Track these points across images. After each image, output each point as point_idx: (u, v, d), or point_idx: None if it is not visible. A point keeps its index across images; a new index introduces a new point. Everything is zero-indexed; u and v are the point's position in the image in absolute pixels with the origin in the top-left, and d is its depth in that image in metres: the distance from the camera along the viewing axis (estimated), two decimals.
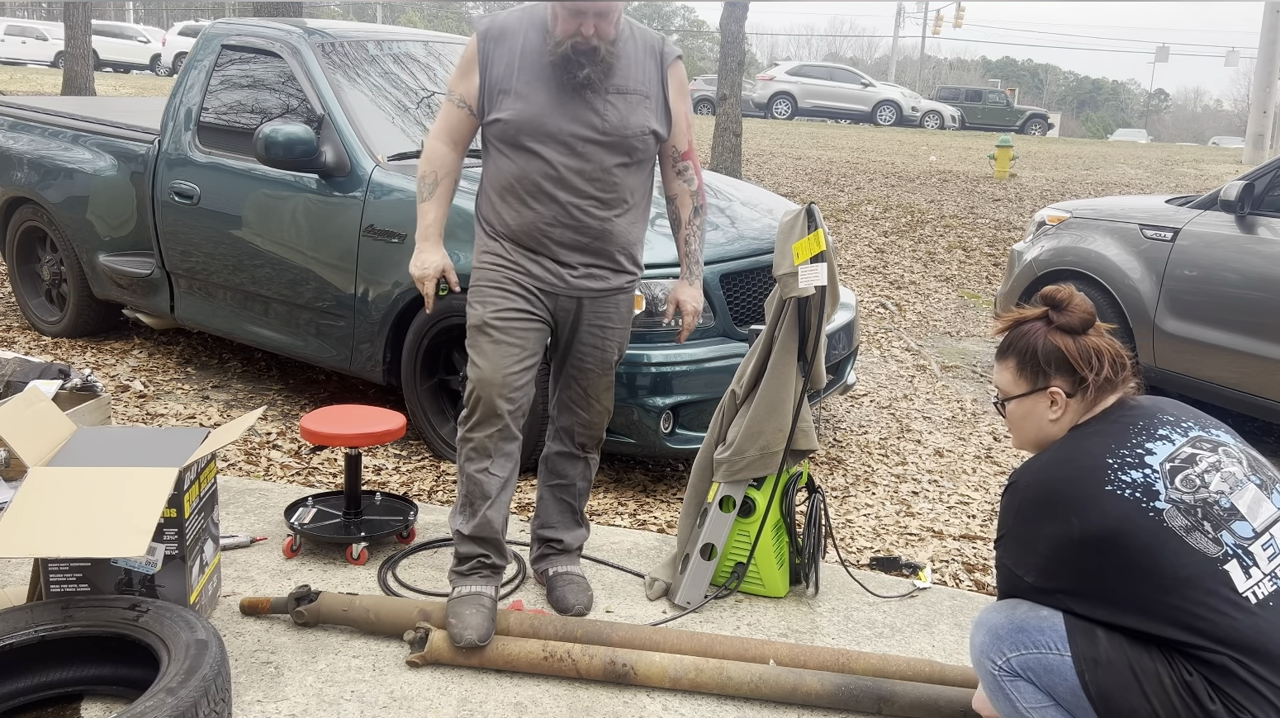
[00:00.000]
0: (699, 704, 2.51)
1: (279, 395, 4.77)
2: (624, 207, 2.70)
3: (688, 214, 2.84)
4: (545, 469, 2.98)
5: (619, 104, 2.62)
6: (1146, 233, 5.18)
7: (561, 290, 2.70)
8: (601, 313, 2.77)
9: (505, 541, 2.77)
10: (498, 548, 2.74)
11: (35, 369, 3.77)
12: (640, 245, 2.82)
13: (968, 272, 8.86)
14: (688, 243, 2.87)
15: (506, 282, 2.68)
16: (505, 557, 2.79)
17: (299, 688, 2.46)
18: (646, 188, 2.77)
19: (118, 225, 5.02)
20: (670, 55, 2.71)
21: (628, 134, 2.62)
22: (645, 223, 2.82)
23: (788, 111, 28.15)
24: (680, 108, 2.74)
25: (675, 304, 2.90)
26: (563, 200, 2.62)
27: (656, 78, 2.68)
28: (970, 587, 3.37)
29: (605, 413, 2.91)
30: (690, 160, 2.81)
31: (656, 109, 2.68)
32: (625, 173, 2.67)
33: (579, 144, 2.60)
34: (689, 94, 2.79)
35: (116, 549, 2.22)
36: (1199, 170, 17.84)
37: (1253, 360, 4.67)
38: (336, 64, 4.40)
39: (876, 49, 77.03)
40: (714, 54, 52.75)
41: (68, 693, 2.33)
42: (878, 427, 4.95)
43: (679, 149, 2.78)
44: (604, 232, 2.68)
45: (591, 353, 2.80)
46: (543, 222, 2.64)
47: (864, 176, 14.34)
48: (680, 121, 2.74)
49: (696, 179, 2.83)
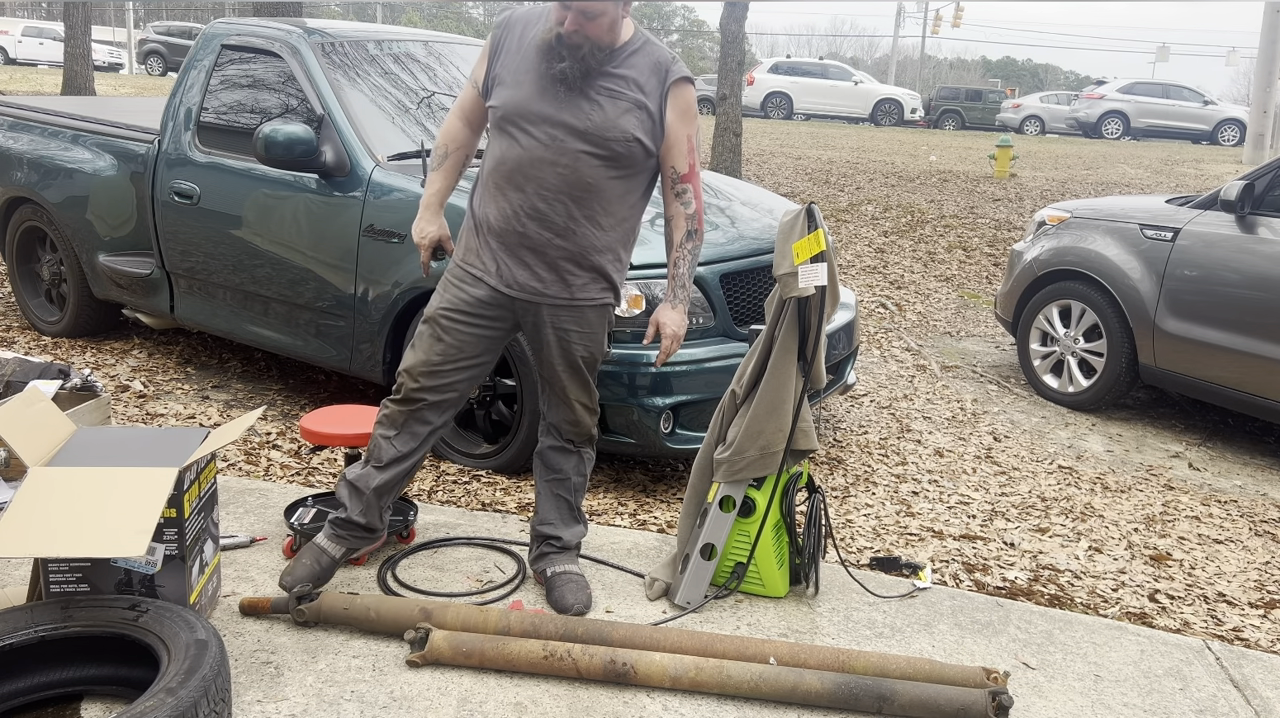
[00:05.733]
0: (699, 704, 2.51)
1: (279, 395, 4.77)
2: (594, 209, 2.68)
3: (680, 237, 2.79)
4: (540, 464, 2.99)
5: (606, 105, 2.62)
6: (1147, 233, 5.18)
7: (518, 294, 2.73)
8: (563, 321, 2.76)
9: (380, 504, 2.89)
10: (362, 499, 2.87)
11: (35, 369, 3.76)
12: (616, 265, 2.78)
13: (968, 272, 8.86)
14: (677, 265, 2.81)
15: (469, 279, 2.75)
16: (367, 515, 2.88)
17: (299, 688, 2.46)
18: (629, 201, 2.73)
19: (117, 225, 5.02)
20: (676, 74, 2.69)
21: (607, 135, 2.62)
22: (622, 236, 2.77)
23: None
24: (681, 130, 2.70)
25: (656, 326, 2.83)
26: (530, 191, 2.65)
27: (657, 93, 2.67)
28: (970, 587, 3.37)
29: (588, 411, 2.91)
30: (691, 184, 2.76)
31: (647, 121, 2.66)
32: (602, 176, 2.65)
33: (554, 136, 2.62)
34: (695, 118, 2.74)
35: (116, 549, 2.22)
36: (1199, 170, 17.83)
37: (1253, 360, 4.67)
38: (336, 64, 4.40)
39: (877, 49, 77.00)
40: (714, 54, 52.75)
41: (68, 693, 2.33)
42: (878, 427, 4.95)
43: (679, 170, 2.74)
44: (569, 232, 2.68)
45: (559, 357, 2.81)
46: (510, 209, 2.68)
47: (864, 176, 14.34)
48: (681, 143, 2.71)
49: (695, 203, 2.77)
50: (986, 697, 2.47)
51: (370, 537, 2.97)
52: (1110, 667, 2.84)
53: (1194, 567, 3.70)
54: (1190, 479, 4.60)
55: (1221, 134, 26.71)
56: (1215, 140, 26.66)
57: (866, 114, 28.68)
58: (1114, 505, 4.21)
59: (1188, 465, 4.76)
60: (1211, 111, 26.94)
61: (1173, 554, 3.79)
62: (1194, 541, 3.94)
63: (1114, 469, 4.64)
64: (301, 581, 2.83)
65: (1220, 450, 4.99)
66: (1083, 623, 3.08)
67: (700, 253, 2.89)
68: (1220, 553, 3.84)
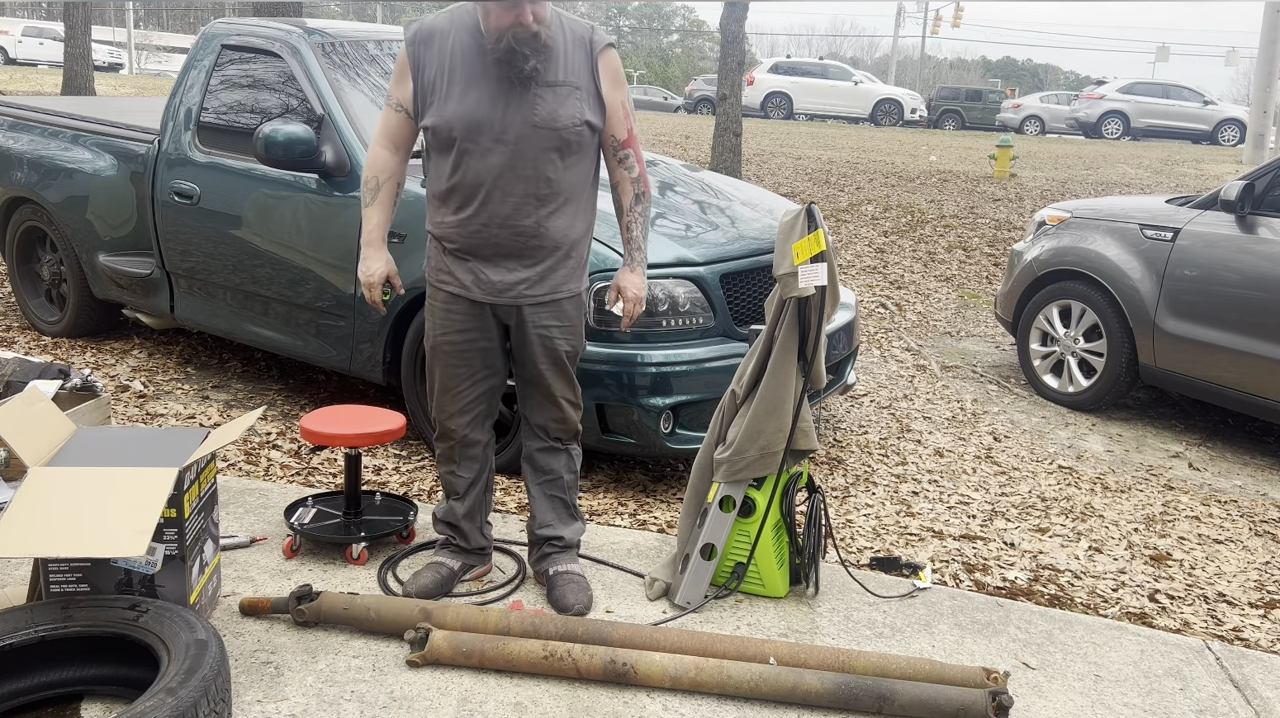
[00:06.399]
0: (699, 704, 2.51)
1: (279, 395, 4.77)
2: (559, 202, 2.70)
3: (629, 201, 2.82)
4: (530, 468, 2.99)
5: (548, 97, 2.61)
6: (1147, 233, 5.17)
7: (499, 301, 2.74)
8: (543, 318, 2.78)
9: (475, 526, 3.00)
10: (460, 531, 2.99)
11: (35, 369, 3.77)
12: (583, 244, 2.81)
13: (968, 272, 8.86)
14: (629, 229, 2.85)
15: (451, 300, 2.77)
16: (470, 539, 3.00)
17: (299, 688, 2.46)
18: (585, 183, 2.76)
19: (117, 225, 5.02)
20: (600, 44, 2.70)
21: (559, 127, 2.62)
22: (587, 220, 2.81)
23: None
24: (615, 96, 2.72)
25: (617, 290, 2.88)
26: (497, 200, 2.64)
27: (586, 68, 2.67)
28: (970, 587, 3.37)
29: (574, 406, 2.93)
30: (631, 148, 2.79)
31: (588, 99, 2.67)
32: (560, 168, 2.67)
33: (512, 141, 2.60)
34: (624, 81, 2.77)
35: (116, 549, 2.22)
36: (1199, 170, 17.83)
37: (1253, 360, 4.67)
38: (336, 64, 4.40)
39: (877, 49, 77.00)
40: (714, 54, 52.73)
41: (68, 693, 2.33)
42: (878, 427, 4.95)
43: (618, 137, 2.76)
44: (539, 231, 2.69)
45: (543, 354, 2.82)
46: (479, 223, 2.67)
47: (864, 176, 14.34)
48: (617, 110, 2.73)
49: (638, 166, 2.81)
50: (986, 697, 2.47)
51: (483, 555, 3.06)
52: (1110, 667, 2.84)
53: (1194, 567, 3.70)
54: (1190, 479, 4.60)
55: (1221, 134, 26.63)
56: (1215, 140, 26.59)
57: (866, 114, 28.65)
58: (1114, 505, 4.21)
59: (1188, 465, 4.76)
60: (1211, 111, 26.85)
61: (1173, 554, 3.79)
62: (1194, 540, 3.94)
63: (1114, 469, 4.64)
64: (426, 590, 2.89)
65: (1220, 450, 4.99)
66: (1083, 623, 3.08)
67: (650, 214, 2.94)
68: (1220, 553, 3.84)
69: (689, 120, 25.63)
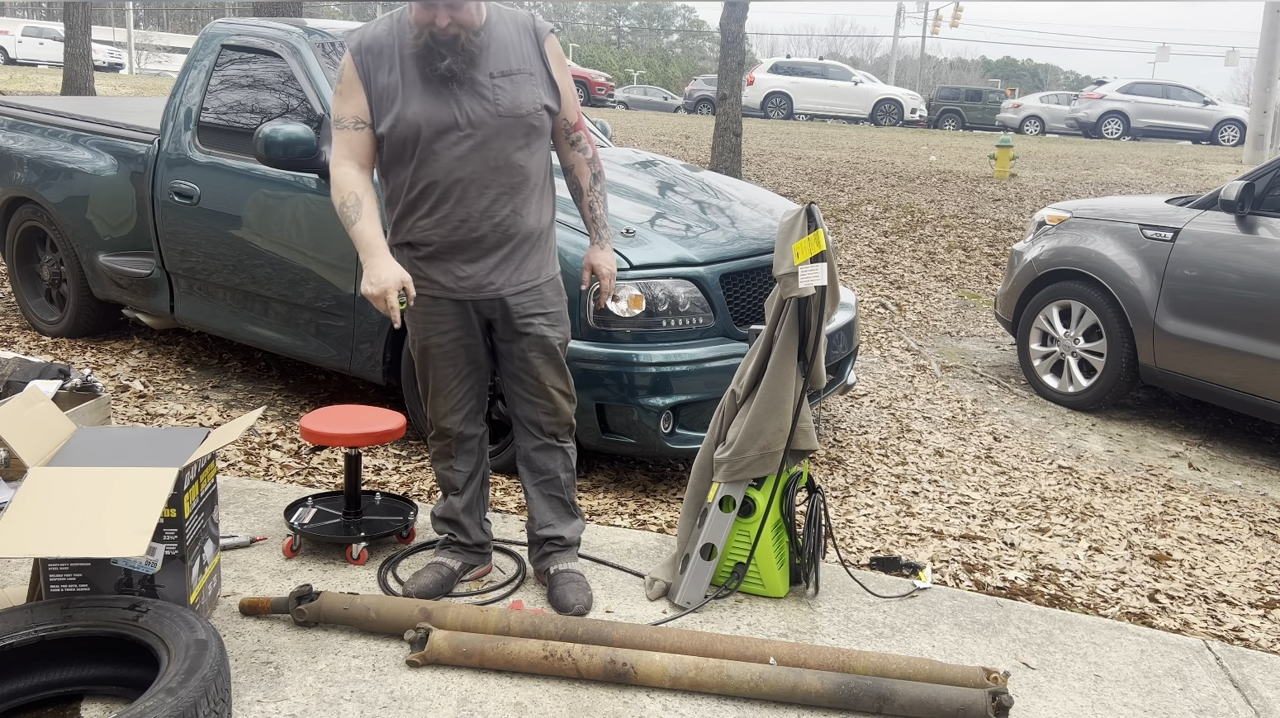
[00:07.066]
0: (699, 704, 2.51)
1: (279, 395, 4.77)
2: (529, 189, 2.72)
3: (587, 182, 2.89)
4: (525, 468, 2.98)
5: (507, 86, 2.64)
6: (1146, 233, 5.18)
7: (480, 296, 2.75)
8: (528, 307, 2.80)
9: (475, 521, 3.02)
10: (460, 526, 3.01)
11: (35, 369, 3.77)
12: (552, 229, 2.85)
13: (968, 272, 8.86)
14: (593, 209, 2.91)
15: (432, 303, 2.77)
16: (470, 534, 3.01)
17: (299, 688, 2.46)
18: (548, 168, 2.80)
19: (117, 225, 5.02)
20: (543, 30, 2.74)
21: (522, 114, 2.65)
22: (552, 204, 2.84)
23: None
24: (564, 81, 2.77)
25: (590, 269, 2.94)
26: (474, 194, 2.65)
27: (535, 54, 2.71)
28: (970, 587, 3.37)
29: (567, 398, 2.93)
30: (581, 130, 2.85)
31: (543, 84, 2.71)
32: (528, 154, 2.70)
33: (479, 133, 2.61)
34: (566, 65, 2.82)
35: (116, 549, 2.22)
36: (1199, 170, 17.83)
37: (1253, 360, 4.67)
38: (336, 64, 4.40)
39: (877, 49, 77.03)
40: (714, 54, 52.74)
41: (68, 693, 2.33)
42: (878, 427, 4.95)
43: (569, 121, 2.81)
44: (515, 220, 2.71)
45: (533, 343, 2.82)
46: (457, 219, 2.67)
47: (864, 176, 14.34)
48: (567, 94, 2.78)
49: (590, 148, 2.87)
50: (986, 697, 2.47)
51: (483, 553, 3.06)
52: (1110, 667, 2.84)
53: (1194, 567, 3.70)
54: (1190, 479, 4.60)
55: (1221, 134, 26.58)
56: (1215, 140, 26.55)
57: (866, 114, 28.63)
58: (1114, 505, 4.21)
59: (1188, 465, 4.76)
60: (1211, 111, 26.79)
61: (1173, 554, 3.79)
62: (1194, 540, 3.94)
63: (1114, 469, 4.64)
64: (426, 590, 2.89)
65: (1220, 450, 4.99)
66: (1083, 623, 3.08)
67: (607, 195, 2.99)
68: (1220, 553, 3.84)
69: (689, 120, 25.63)
